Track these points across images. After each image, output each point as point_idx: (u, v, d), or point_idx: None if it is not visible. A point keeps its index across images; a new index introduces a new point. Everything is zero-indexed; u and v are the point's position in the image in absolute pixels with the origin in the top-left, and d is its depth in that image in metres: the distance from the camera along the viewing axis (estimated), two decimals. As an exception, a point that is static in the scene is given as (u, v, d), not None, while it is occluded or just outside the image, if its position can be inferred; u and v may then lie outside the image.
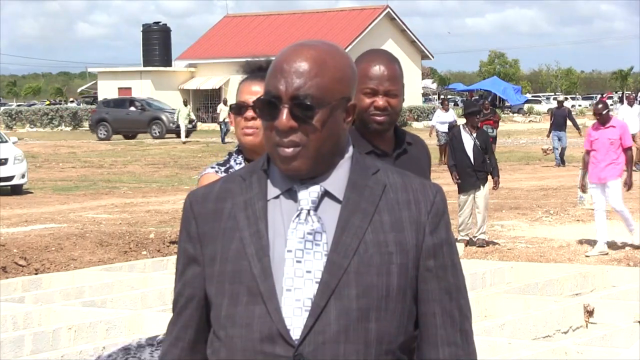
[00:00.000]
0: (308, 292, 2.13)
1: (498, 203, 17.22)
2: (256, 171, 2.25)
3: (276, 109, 2.16)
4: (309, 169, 2.17)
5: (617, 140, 12.38)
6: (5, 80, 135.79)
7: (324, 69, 2.16)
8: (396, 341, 2.17)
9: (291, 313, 2.12)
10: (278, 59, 2.20)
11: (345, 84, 2.20)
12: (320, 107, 2.15)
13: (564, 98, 30.32)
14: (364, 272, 2.14)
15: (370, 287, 2.14)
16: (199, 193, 2.30)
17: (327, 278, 2.13)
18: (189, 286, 2.28)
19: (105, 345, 7.67)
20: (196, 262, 2.26)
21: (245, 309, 2.15)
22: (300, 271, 2.14)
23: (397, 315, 2.17)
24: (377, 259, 2.15)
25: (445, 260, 2.22)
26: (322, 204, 2.18)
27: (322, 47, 2.20)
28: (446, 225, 2.24)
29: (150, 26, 62.67)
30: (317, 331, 2.11)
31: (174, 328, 2.32)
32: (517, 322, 8.53)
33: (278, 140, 2.16)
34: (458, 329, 2.23)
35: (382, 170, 2.24)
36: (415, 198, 2.22)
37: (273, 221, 2.18)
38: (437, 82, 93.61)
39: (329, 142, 2.18)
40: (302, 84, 2.15)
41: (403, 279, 2.17)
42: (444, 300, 2.21)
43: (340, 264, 2.13)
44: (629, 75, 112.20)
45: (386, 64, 3.66)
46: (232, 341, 2.17)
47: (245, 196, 2.22)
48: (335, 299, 2.12)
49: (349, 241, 2.15)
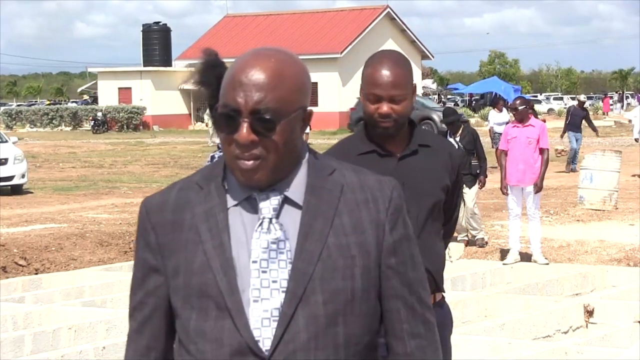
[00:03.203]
0: (275, 302, 2.13)
1: (498, 203, 17.20)
2: (213, 179, 2.23)
3: (235, 122, 2.14)
4: (269, 180, 2.16)
5: (535, 140, 11.81)
6: (5, 80, 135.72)
7: (282, 80, 2.15)
8: (362, 341, 2.19)
9: (260, 324, 2.12)
10: (234, 70, 2.17)
11: (303, 94, 2.20)
12: (280, 120, 2.14)
13: (584, 98, 28.31)
14: (328, 277, 2.14)
15: (336, 292, 2.15)
16: (155, 202, 2.27)
17: (293, 286, 2.13)
18: (152, 295, 2.26)
19: (106, 345, 7.67)
20: (158, 272, 2.24)
21: (215, 324, 2.15)
22: (267, 281, 2.13)
23: (363, 317, 2.19)
24: (341, 262, 2.16)
25: (405, 255, 2.24)
26: (282, 211, 2.18)
27: (278, 57, 2.18)
28: (404, 220, 2.25)
29: (150, 26, 62.67)
30: (287, 340, 2.12)
31: (140, 337, 2.29)
32: (517, 322, 8.53)
33: (238, 153, 2.14)
34: (421, 320, 2.26)
35: (337, 170, 2.24)
36: (372, 196, 2.22)
37: (235, 231, 2.17)
38: (437, 82, 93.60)
39: (288, 153, 2.17)
40: (261, 98, 2.12)
41: (366, 280, 2.18)
42: (405, 294, 2.24)
43: (305, 271, 2.13)
44: (629, 75, 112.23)
45: (392, 69, 3.64)
46: (203, 356, 2.17)
47: (205, 206, 2.20)
48: (303, 307, 2.12)
49: (312, 247, 2.15)
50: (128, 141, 43.81)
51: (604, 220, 15.72)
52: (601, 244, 13.29)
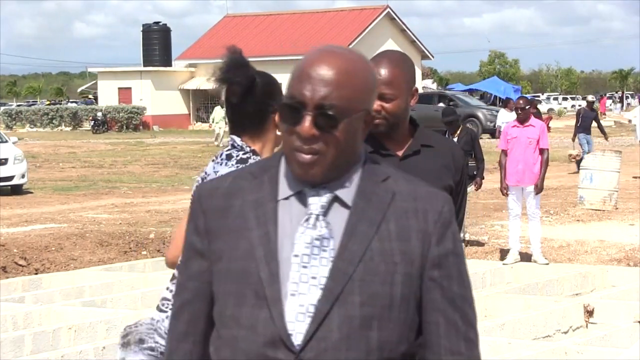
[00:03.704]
0: (312, 298, 2.12)
1: (498, 203, 17.20)
2: (268, 170, 2.25)
3: (299, 114, 2.15)
4: (324, 176, 2.17)
5: (535, 140, 11.81)
6: (5, 80, 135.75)
7: (349, 79, 2.16)
8: (397, 350, 2.17)
9: (294, 318, 2.12)
10: (304, 63, 2.19)
11: (368, 96, 2.21)
12: (343, 118, 2.15)
13: (593, 98, 27.60)
14: (368, 280, 2.14)
15: (374, 295, 2.14)
16: (208, 187, 2.29)
17: (331, 284, 2.13)
18: (193, 279, 2.27)
19: (106, 345, 7.68)
20: (203, 257, 2.25)
21: (251, 311, 2.15)
22: (306, 276, 2.13)
23: (400, 325, 2.17)
24: (382, 267, 2.15)
25: (451, 270, 2.21)
26: (330, 210, 2.18)
27: (349, 57, 2.19)
28: (453, 235, 2.23)
29: (150, 26, 62.66)
30: (319, 337, 2.11)
31: (178, 323, 2.30)
32: (517, 322, 8.54)
33: (298, 145, 2.15)
34: (462, 338, 2.22)
35: (391, 177, 2.24)
36: (423, 207, 2.21)
37: (282, 224, 2.18)
38: (437, 82, 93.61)
39: (346, 152, 2.18)
40: (327, 94, 2.14)
41: (407, 288, 2.17)
42: (448, 310, 2.20)
43: (345, 270, 2.13)
44: (629, 75, 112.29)
45: (386, 68, 3.65)
46: (236, 342, 2.17)
47: (256, 195, 2.22)
48: (339, 306, 2.12)
49: (355, 248, 2.15)
50: (128, 141, 43.80)
51: (604, 220, 15.73)
52: (601, 244, 13.29)
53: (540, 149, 11.83)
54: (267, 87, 3.60)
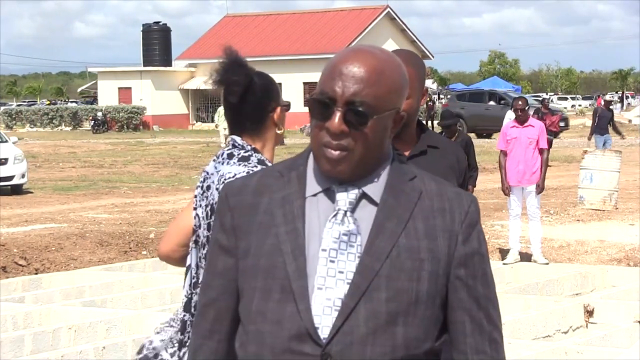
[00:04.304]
0: (339, 292, 2.14)
1: (498, 203, 17.21)
2: (295, 168, 2.26)
3: (329, 110, 2.17)
4: (351, 173, 2.19)
5: (535, 140, 11.79)
6: (5, 80, 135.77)
7: (381, 78, 2.18)
8: (422, 347, 2.19)
9: (321, 312, 2.14)
10: (336, 60, 2.21)
11: (399, 95, 2.23)
12: (372, 116, 2.17)
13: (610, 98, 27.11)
14: (395, 276, 2.16)
15: (401, 291, 2.15)
16: (236, 185, 2.31)
17: (358, 280, 2.14)
18: (219, 277, 2.28)
19: (106, 345, 7.68)
20: (229, 254, 2.26)
21: (277, 306, 2.17)
22: (333, 271, 2.15)
23: (425, 322, 2.19)
24: (409, 264, 2.17)
25: (476, 270, 2.24)
26: (358, 206, 2.20)
27: (381, 56, 2.22)
28: (479, 235, 2.25)
29: (150, 26, 62.68)
30: (346, 331, 2.13)
31: (203, 321, 2.31)
32: (517, 322, 8.54)
33: (327, 141, 2.17)
34: (487, 338, 2.25)
35: (418, 176, 2.27)
36: (449, 207, 2.24)
37: (309, 220, 2.20)
38: (437, 82, 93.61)
39: (374, 150, 2.20)
40: (358, 91, 2.16)
41: (433, 286, 2.19)
42: (473, 309, 2.24)
43: (372, 266, 2.15)
44: (629, 75, 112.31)
45: None
46: (262, 337, 2.18)
47: (283, 192, 2.23)
48: (365, 301, 2.14)
49: (382, 245, 2.17)
50: (128, 141, 43.81)
51: (604, 220, 15.72)
52: (601, 244, 13.29)
53: (540, 149, 11.84)
54: (266, 87, 3.61)
